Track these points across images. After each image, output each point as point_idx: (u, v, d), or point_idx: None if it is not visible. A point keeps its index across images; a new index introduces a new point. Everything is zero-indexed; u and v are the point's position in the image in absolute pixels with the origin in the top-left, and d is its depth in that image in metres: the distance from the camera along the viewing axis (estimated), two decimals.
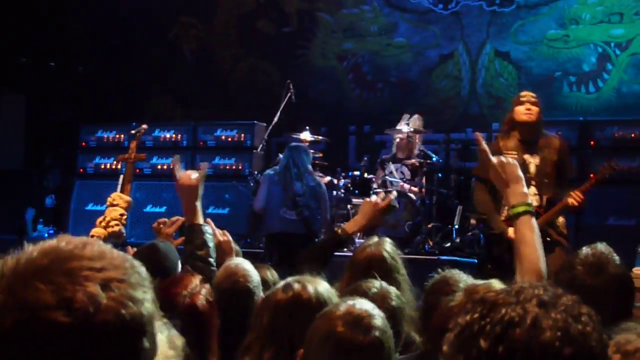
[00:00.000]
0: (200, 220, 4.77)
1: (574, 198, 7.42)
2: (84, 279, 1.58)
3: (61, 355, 1.56)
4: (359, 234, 10.51)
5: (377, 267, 4.72)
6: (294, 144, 10.59)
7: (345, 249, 8.61)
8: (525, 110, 7.84)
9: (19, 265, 1.61)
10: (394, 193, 10.20)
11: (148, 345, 1.64)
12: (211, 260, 4.73)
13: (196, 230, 4.73)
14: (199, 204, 4.78)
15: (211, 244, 4.77)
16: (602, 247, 3.89)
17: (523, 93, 8.17)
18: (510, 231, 7.25)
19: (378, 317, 3.02)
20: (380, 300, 3.77)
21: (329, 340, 2.93)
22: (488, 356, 1.71)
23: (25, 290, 1.57)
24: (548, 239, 7.24)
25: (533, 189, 7.61)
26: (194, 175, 4.83)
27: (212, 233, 4.85)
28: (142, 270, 1.70)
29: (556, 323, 1.73)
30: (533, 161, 7.78)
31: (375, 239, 5.01)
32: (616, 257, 3.83)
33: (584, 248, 3.92)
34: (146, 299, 1.65)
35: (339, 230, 5.44)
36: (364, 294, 3.68)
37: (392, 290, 3.98)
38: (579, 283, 3.61)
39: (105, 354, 1.58)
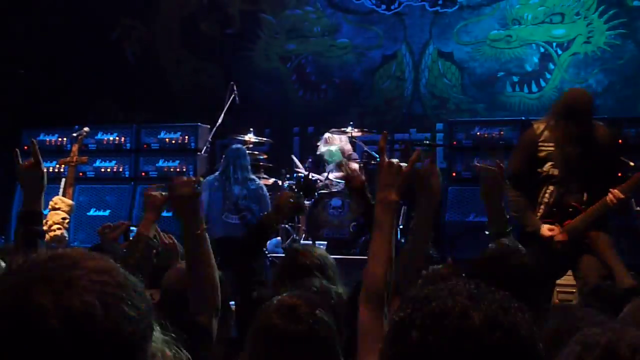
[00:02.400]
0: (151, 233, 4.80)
1: (613, 195, 6.86)
2: (82, 288, 1.61)
3: None
4: (303, 235, 10.63)
5: (306, 273, 4.73)
6: (233, 146, 10.55)
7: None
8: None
9: (26, 266, 1.67)
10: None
11: None
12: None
13: (140, 241, 4.75)
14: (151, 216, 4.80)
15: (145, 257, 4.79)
16: (507, 241, 3.93)
17: None
18: (544, 229, 7.05)
19: (312, 307, 3.01)
20: (322, 296, 3.78)
21: (265, 334, 2.92)
22: (419, 346, 1.73)
23: (27, 292, 1.60)
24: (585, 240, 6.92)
25: (575, 186, 7.08)
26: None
27: (156, 246, 4.86)
28: (143, 292, 1.72)
29: (485, 313, 1.76)
30: (575, 153, 6.97)
31: (306, 245, 5.03)
32: (521, 249, 3.86)
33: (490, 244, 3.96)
34: (141, 320, 1.67)
35: (264, 219, 5.48)
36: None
37: (333, 288, 3.98)
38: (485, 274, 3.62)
39: None
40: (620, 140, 10.16)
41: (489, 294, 1.82)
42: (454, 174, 11.00)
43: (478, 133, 11.35)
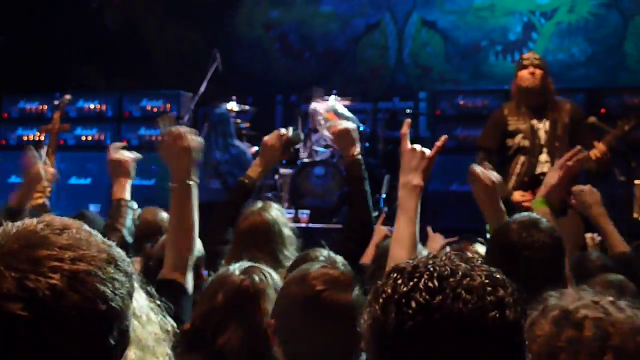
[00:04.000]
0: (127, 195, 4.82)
1: (597, 149, 7.03)
2: (50, 269, 1.52)
3: (16, 348, 1.48)
4: (286, 204, 10.58)
5: (261, 234, 4.68)
6: (215, 112, 10.51)
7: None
8: (528, 75, 7.52)
9: None
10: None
11: (114, 342, 1.58)
12: (124, 231, 4.78)
13: (122, 205, 4.74)
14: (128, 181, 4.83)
15: (129, 219, 4.80)
16: (529, 214, 3.90)
17: (525, 55, 7.83)
18: (516, 194, 7.25)
19: (352, 276, 2.97)
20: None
21: (310, 303, 2.84)
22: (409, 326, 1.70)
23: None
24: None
25: (544, 156, 7.39)
26: (127, 154, 4.86)
27: (135, 208, 4.87)
28: (122, 261, 1.64)
29: (483, 271, 1.76)
30: (542, 127, 7.47)
31: (259, 204, 4.95)
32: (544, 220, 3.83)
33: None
34: (117, 294, 1.59)
35: (244, 179, 5.39)
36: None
37: (339, 259, 3.92)
38: (516, 240, 3.59)
39: (65, 351, 1.52)
40: (603, 110, 10.26)
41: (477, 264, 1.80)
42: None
43: (462, 102, 11.33)
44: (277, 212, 4.87)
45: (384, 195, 10.79)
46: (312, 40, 14.52)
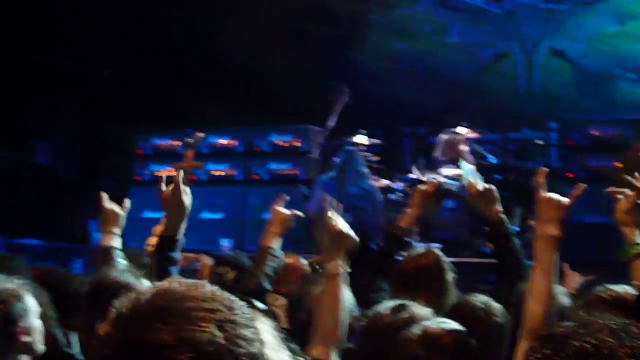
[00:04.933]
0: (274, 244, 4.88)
1: None
2: (199, 320, 1.67)
3: None
4: (417, 238, 10.50)
5: (424, 277, 4.65)
6: (348, 147, 10.52)
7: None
8: None
9: (136, 306, 1.70)
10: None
11: None
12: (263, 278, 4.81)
13: (267, 253, 4.89)
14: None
15: (270, 269, 4.85)
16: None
17: None
18: None
19: (458, 337, 2.94)
20: (484, 316, 3.70)
21: None
22: None
23: (144, 330, 1.64)
24: None
25: None
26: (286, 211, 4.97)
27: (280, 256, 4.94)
28: (247, 310, 1.78)
29: (632, 350, 1.71)
30: None
31: (421, 249, 4.95)
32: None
33: None
34: (255, 338, 1.73)
35: (394, 230, 5.38)
36: (469, 309, 3.61)
37: (497, 306, 3.88)
38: None
39: None
40: None
41: (628, 327, 1.74)
42: (569, 175, 10.78)
43: (594, 132, 11.11)
44: (441, 256, 4.87)
45: (516, 229, 10.63)
46: (440, 71, 14.47)
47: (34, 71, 14.75)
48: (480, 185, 5.11)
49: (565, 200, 3.38)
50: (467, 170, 9.58)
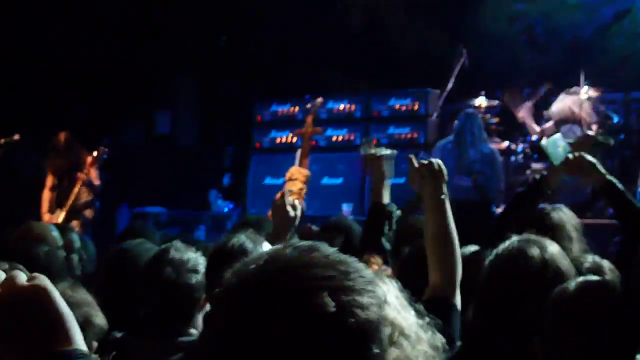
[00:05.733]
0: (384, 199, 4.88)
1: None
2: (310, 288, 1.61)
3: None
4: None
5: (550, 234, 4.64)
6: (467, 110, 10.47)
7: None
8: None
9: (246, 274, 1.67)
10: None
11: (377, 351, 1.64)
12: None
13: (383, 211, 4.83)
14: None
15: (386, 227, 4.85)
16: None
17: None
18: None
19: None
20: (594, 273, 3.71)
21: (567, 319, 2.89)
22: None
23: (251, 300, 1.62)
24: None
25: None
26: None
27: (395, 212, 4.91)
28: (367, 273, 1.70)
29: None
30: None
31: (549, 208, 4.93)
32: None
33: None
34: (373, 303, 1.65)
35: (541, 178, 5.34)
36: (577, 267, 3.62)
37: (605, 263, 3.88)
38: None
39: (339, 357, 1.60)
40: None
41: None
42: None
43: None
44: (568, 214, 4.89)
45: None
46: (559, 32, 14.23)
47: (155, 43, 15.02)
48: (578, 155, 5.02)
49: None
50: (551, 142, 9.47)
